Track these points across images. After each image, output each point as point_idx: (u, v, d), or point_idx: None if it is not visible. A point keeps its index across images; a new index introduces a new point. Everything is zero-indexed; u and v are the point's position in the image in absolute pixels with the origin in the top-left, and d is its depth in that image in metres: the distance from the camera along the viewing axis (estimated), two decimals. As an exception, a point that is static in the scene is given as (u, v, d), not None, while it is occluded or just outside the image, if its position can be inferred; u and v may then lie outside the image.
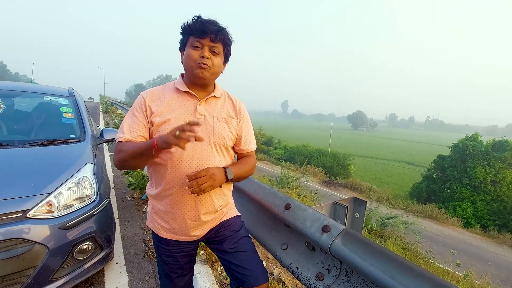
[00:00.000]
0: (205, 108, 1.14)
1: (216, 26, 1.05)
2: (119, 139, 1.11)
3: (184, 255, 1.22)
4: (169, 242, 1.20)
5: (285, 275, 2.38)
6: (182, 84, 1.14)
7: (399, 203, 17.60)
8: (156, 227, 1.20)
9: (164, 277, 1.26)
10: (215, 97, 1.18)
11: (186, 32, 1.07)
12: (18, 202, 1.52)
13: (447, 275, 6.31)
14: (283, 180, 9.65)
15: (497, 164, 17.95)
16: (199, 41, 1.05)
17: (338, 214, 1.85)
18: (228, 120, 1.17)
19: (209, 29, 1.03)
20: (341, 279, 1.25)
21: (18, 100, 2.70)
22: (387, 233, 8.29)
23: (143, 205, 3.57)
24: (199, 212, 1.13)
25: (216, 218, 1.22)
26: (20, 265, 1.44)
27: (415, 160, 42.07)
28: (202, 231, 1.20)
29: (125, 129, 1.10)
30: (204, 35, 1.04)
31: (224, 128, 1.15)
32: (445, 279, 0.91)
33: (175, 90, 1.14)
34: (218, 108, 1.17)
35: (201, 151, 1.09)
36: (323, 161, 24.73)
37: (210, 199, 1.15)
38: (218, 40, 1.06)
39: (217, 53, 1.09)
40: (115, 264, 2.28)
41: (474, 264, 9.76)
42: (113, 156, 6.02)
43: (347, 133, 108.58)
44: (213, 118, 1.13)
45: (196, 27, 1.03)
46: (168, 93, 1.14)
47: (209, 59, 1.06)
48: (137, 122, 1.09)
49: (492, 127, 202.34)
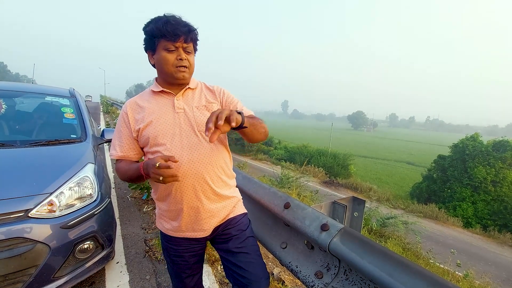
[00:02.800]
0: (183, 102, 1.16)
1: (187, 27, 1.07)
2: (113, 157, 1.18)
3: (192, 254, 1.23)
4: (178, 242, 1.21)
5: (285, 274, 2.39)
6: (156, 85, 1.17)
7: (400, 203, 17.61)
8: (164, 227, 1.21)
9: (175, 277, 1.28)
10: (191, 89, 1.20)
11: (156, 35, 1.07)
12: (20, 201, 1.53)
13: (447, 275, 6.31)
14: (284, 180, 9.66)
15: (497, 164, 17.96)
16: (173, 44, 1.06)
17: (337, 213, 1.86)
18: (209, 106, 1.17)
19: (181, 31, 1.05)
20: (340, 277, 1.26)
21: (19, 101, 2.71)
22: (387, 233, 8.29)
23: (143, 205, 3.59)
24: (202, 202, 1.13)
25: (222, 211, 1.19)
26: (22, 264, 1.45)
27: (416, 160, 42.05)
28: (209, 225, 1.17)
29: (116, 146, 1.18)
30: (177, 38, 1.05)
31: (206, 116, 1.14)
32: (441, 277, 0.92)
33: (151, 93, 1.18)
34: (196, 98, 1.18)
35: (189, 143, 1.10)
36: (323, 161, 24.75)
37: (208, 187, 1.13)
38: (190, 40, 1.09)
39: (190, 52, 1.12)
40: (116, 263, 2.29)
41: (474, 264, 9.77)
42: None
43: (348, 133, 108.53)
44: (192, 109, 1.15)
45: (168, 30, 1.04)
46: (146, 98, 1.18)
47: (186, 60, 1.10)
48: (123, 137, 1.16)
49: (493, 127, 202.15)
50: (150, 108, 1.14)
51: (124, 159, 1.17)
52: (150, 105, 1.15)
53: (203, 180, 1.12)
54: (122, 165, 1.15)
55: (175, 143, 1.09)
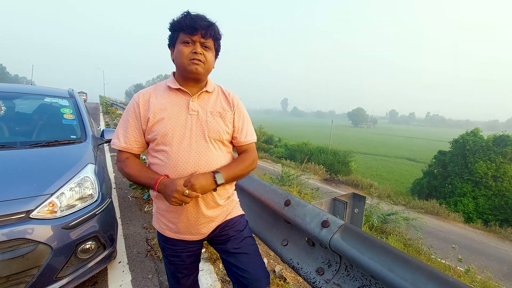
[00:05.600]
0: (198, 104, 1.13)
1: (206, 22, 1.05)
2: (115, 146, 1.14)
3: (189, 254, 1.22)
4: (175, 242, 1.20)
5: (287, 271, 2.40)
6: (173, 81, 1.14)
7: (400, 199, 17.60)
8: (161, 227, 1.20)
9: (171, 277, 1.27)
10: (208, 92, 1.17)
11: (176, 29, 1.07)
12: (21, 202, 1.54)
13: (449, 270, 6.33)
14: (284, 178, 9.66)
15: (498, 159, 17.93)
16: (190, 38, 1.05)
17: (337, 210, 1.86)
18: (223, 114, 1.16)
19: (200, 25, 1.03)
20: (341, 273, 1.27)
21: (19, 102, 2.72)
22: (389, 230, 8.30)
23: (144, 204, 3.59)
24: (201, 209, 1.13)
25: (220, 215, 1.21)
26: (25, 265, 1.46)
27: (416, 156, 42.02)
28: (207, 229, 1.19)
29: (120, 136, 1.13)
30: (195, 31, 1.04)
31: (218, 122, 1.14)
32: (441, 271, 0.92)
33: (167, 89, 1.15)
34: (211, 102, 1.16)
35: (198, 148, 1.09)
36: (324, 158, 24.72)
37: (210, 194, 1.13)
38: (208, 35, 1.06)
39: (208, 48, 1.09)
40: (118, 263, 2.30)
41: (475, 259, 9.78)
42: (113, 156, 5.99)
43: (348, 130, 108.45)
44: (206, 113, 1.13)
45: (186, 23, 1.03)
46: (160, 92, 1.14)
47: (202, 54, 1.07)
48: (129, 128, 1.12)
49: (493, 122, 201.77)
50: (164, 104, 1.11)
51: (126, 150, 1.14)
52: (163, 101, 1.11)
53: None
54: (133, 165, 1.11)
55: (184, 145, 1.08)
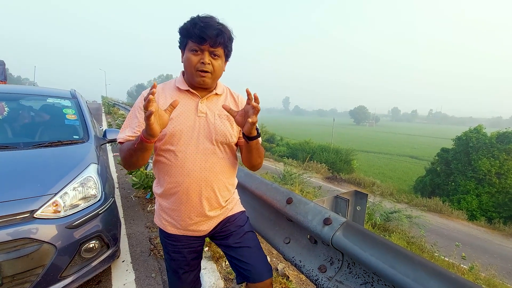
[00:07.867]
0: (206, 106, 1.14)
1: (216, 31, 1.02)
2: (120, 139, 1.13)
3: (191, 251, 1.24)
4: (176, 238, 1.21)
5: (289, 269, 2.41)
6: (182, 82, 1.14)
7: (403, 197, 17.53)
8: (163, 223, 1.21)
9: (172, 273, 1.28)
10: (217, 95, 1.18)
11: (184, 35, 1.05)
12: (25, 202, 1.55)
13: (452, 268, 6.30)
14: (286, 176, 9.67)
15: (501, 156, 17.79)
16: (198, 47, 1.03)
17: (339, 208, 1.86)
18: (230, 117, 1.15)
19: (208, 35, 1.00)
20: (343, 271, 1.27)
21: (21, 103, 2.74)
22: (391, 228, 8.28)
23: (147, 204, 3.61)
24: (204, 209, 1.15)
25: (222, 214, 1.23)
26: (29, 264, 1.47)
27: (419, 154, 41.84)
28: (208, 227, 1.21)
29: (127, 130, 1.14)
30: (203, 42, 1.02)
31: (225, 125, 1.15)
32: (443, 267, 0.92)
33: (176, 89, 1.15)
34: (219, 105, 1.16)
35: (204, 149, 1.11)
36: (326, 157, 24.68)
37: (214, 195, 1.16)
38: (218, 44, 1.04)
39: (218, 56, 1.07)
40: (122, 262, 2.32)
41: (479, 256, 9.74)
42: (116, 156, 6.01)
43: (350, 128, 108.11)
44: (214, 116, 1.13)
45: (195, 32, 1.01)
46: (169, 92, 1.14)
47: (210, 64, 1.05)
48: (137, 123, 1.11)
49: (496, 119, 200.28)
50: None
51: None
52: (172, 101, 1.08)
53: (210, 188, 1.14)
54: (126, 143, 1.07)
55: (191, 146, 1.09)
